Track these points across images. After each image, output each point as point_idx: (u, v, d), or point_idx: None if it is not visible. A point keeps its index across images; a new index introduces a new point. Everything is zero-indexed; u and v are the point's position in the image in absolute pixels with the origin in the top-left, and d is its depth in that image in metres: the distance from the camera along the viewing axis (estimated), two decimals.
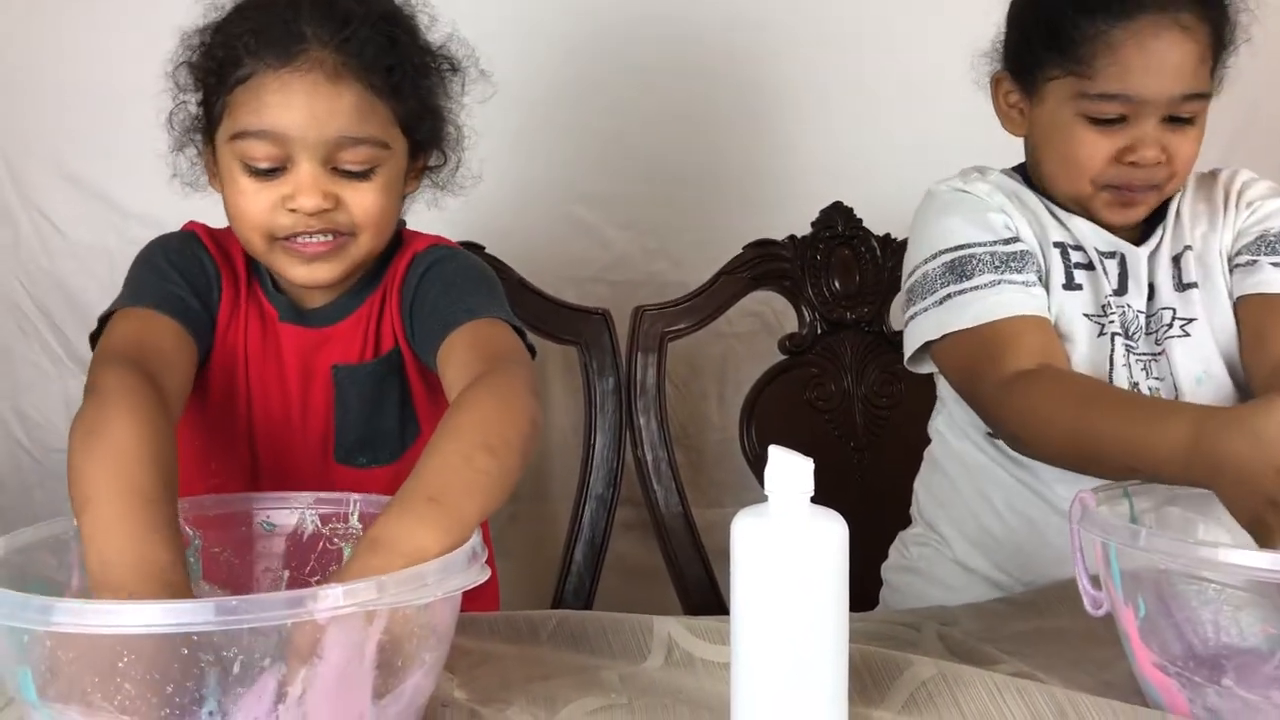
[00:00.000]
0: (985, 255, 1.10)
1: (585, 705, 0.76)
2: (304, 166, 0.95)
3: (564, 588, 1.35)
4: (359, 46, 0.96)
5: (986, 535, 1.19)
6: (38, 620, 0.63)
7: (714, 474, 1.65)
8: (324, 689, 0.64)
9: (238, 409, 1.05)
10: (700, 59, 1.66)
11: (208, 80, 1.00)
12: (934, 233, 1.14)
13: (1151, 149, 1.08)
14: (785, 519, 0.69)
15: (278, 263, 1.00)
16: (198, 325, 0.99)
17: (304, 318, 1.05)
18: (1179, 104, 1.08)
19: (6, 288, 1.58)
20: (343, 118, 0.95)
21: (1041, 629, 0.96)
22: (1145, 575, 0.79)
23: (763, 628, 0.69)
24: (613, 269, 1.66)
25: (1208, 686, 0.75)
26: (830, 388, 1.44)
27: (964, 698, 0.77)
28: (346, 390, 1.04)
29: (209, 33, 1.00)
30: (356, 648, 0.65)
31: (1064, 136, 1.11)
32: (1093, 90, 1.08)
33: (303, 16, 0.95)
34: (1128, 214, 1.13)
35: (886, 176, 1.52)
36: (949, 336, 1.09)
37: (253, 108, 0.95)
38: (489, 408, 0.83)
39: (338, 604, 0.63)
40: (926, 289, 1.12)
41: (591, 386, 1.38)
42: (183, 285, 1.00)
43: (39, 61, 1.56)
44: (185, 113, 1.03)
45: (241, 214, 0.98)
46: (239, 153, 0.96)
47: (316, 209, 0.96)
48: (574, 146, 1.65)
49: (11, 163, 1.57)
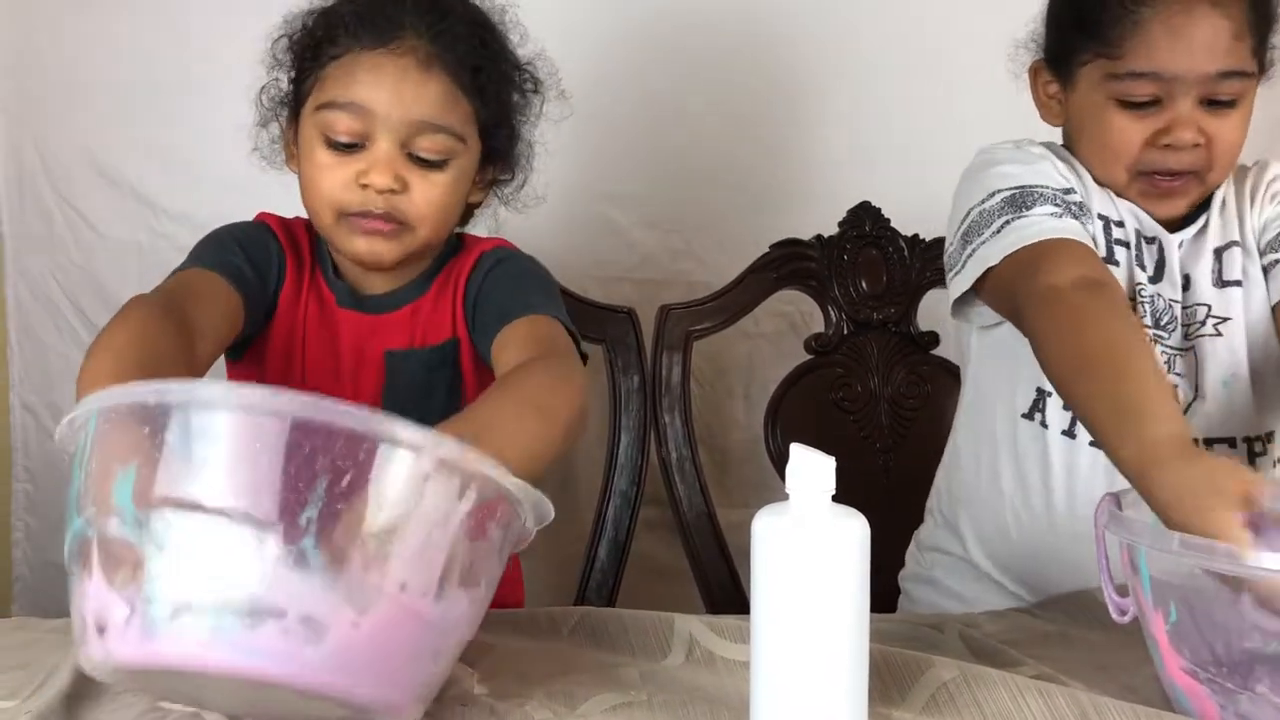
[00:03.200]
0: (1048, 192, 1.06)
1: (605, 701, 0.76)
2: (382, 145, 1.00)
3: (587, 585, 1.35)
4: (452, 41, 1.01)
5: (1004, 535, 1.17)
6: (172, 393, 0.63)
7: (738, 473, 1.64)
8: (411, 537, 0.64)
9: (294, 387, 1.07)
10: (728, 59, 1.65)
11: (304, 56, 1.05)
12: (989, 178, 1.10)
13: (1187, 130, 1.04)
14: (806, 517, 0.68)
15: (340, 238, 1.03)
16: (249, 289, 1.02)
17: (361, 304, 1.08)
18: (1215, 83, 1.04)
19: (40, 282, 1.61)
20: (427, 104, 1.00)
21: (1065, 633, 0.95)
22: (1175, 579, 0.78)
23: (783, 626, 0.68)
24: (639, 268, 1.66)
25: (1240, 693, 0.74)
26: (856, 388, 1.44)
27: (985, 699, 0.77)
28: (397, 376, 1.07)
29: (314, 15, 1.05)
30: (445, 513, 0.65)
31: (1097, 122, 1.09)
32: (1121, 70, 1.05)
33: (405, 7, 1.01)
34: (1166, 205, 1.10)
35: (915, 177, 1.51)
36: (1010, 258, 1.03)
37: (343, 82, 1.00)
38: (545, 381, 0.86)
39: (450, 448, 0.65)
40: (984, 224, 1.07)
41: (617, 385, 1.38)
42: (240, 255, 1.03)
43: (73, 58, 1.58)
44: (276, 88, 1.08)
45: (315, 186, 1.02)
46: (322, 124, 1.01)
47: (386, 187, 0.99)
48: (601, 146, 1.65)
49: (46, 159, 1.59)
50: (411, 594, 0.64)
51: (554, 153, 1.16)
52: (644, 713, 0.75)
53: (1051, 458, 1.12)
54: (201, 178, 1.56)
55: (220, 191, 1.51)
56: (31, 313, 1.61)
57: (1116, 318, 0.94)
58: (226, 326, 0.98)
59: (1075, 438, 1.11)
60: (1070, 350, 0.93)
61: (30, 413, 1.62)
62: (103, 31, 1.57)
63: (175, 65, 1.56)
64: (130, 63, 1.57)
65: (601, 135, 1.64)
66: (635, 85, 1.64)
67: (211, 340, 0.95)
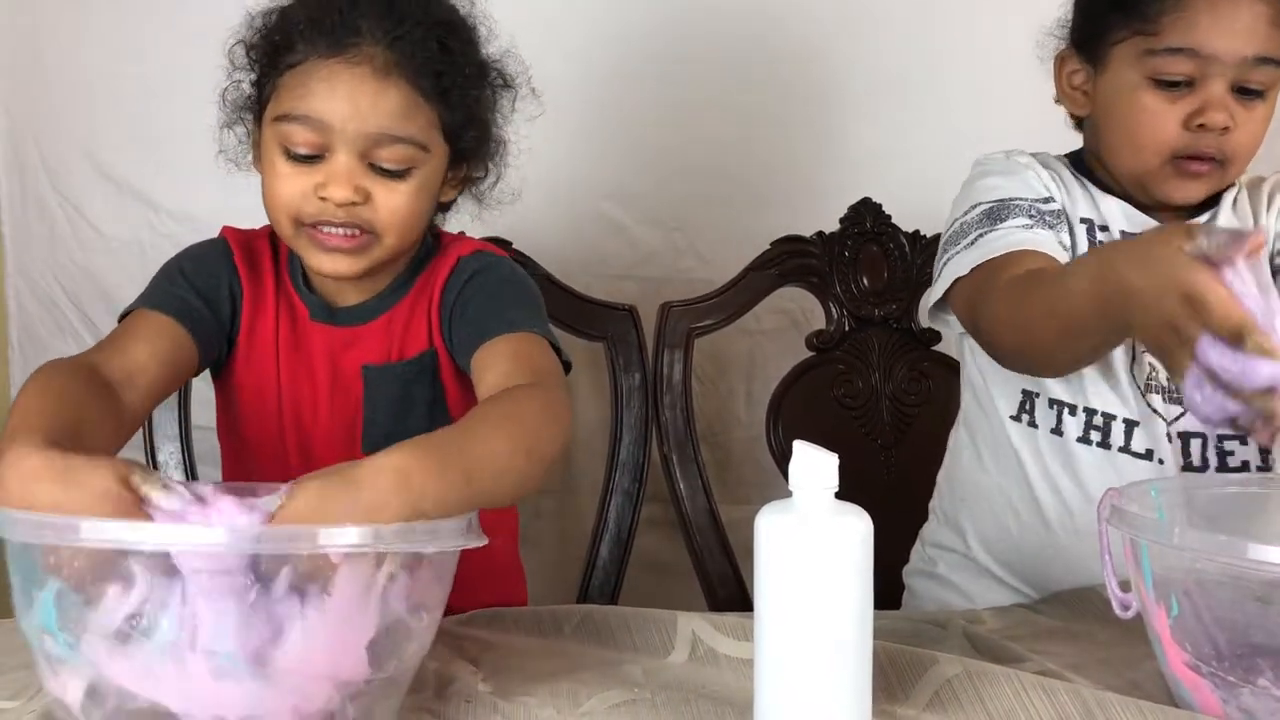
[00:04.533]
0: (1024, 205, 1.09)
1: (608, 699, 0.76)
2: (340, 157, 0.96)
3: (589, 583, 1.35)
4: (411, 47, 0.97)
5: (1005, 534, 1.18)
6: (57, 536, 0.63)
7: (740, 471, 1.64)
8: (330, 626, 0.64)
9: (271, 405, 1.06)
10: (729, 56, 1.65)
11: (261, 61, 1.02)
12: (974, 190, 1.14)
13: (1220, 113, 1.05)
14: (809, 514, 0.68)
15: (302, 249, 1.01)
16: (194, 321, 1.00)
17: (334, 317, 1.06)
18: (1249, 69, 1.04)
19: (41, 282, 1.61)
20: (385, 115, 0.96)
21: (1069, 628, 0.95)
22: (1177, 573, 0.78)
23: (786, 623, 0.68)
24: (640, 266, 1.66)
25: (1242, 686, 0.74)
26: (858, 385, 1.44)
27: (989, 696, 0.77)
28: (375, 390, 1.05)
29: (271, 15, 1.02)
30: (364, 589, 0.65)
31: (1129, 103, 1.08)
32: (1159, 45, 1.05)
33: (360, 11, 0.97)
34: (1190, 189, 1.10)
35: (916, 173, 1.51)
36: (977, 269, 1.06)
37: (299, 93, 0.97)
38: (541, 419, 0.82)
39: (352, 542, 0.63)
40: (961, 235, 1.10)
41: (618, 383, 1.38)
42: (185, 286, 1.02)
43: (73, 57, 1.58)
44: (238, 91, 1.05)
45: (274, 196, 0.99)
46: (280, 135, 0.98)
47: (345, 201, 0.96)
48: (602, 144, 1.65)
49: (46, 158, 1.59)
50: (347, 668, 0.66)
51: (556, 151, 1.15)
52: (648, 710, 0.75)
53: (1045, 456, 1.13)
54: (203, 176, 1.54)
55: (221, 190, 1.50)
56: (32, 312, 1.61)
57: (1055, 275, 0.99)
58: (160, 360, 0.96)
59: (1063, 435, 1.12)
60: (1015, 288, 0.98)
61: None
62: (103, 31, 1.57)
63: (176, 65, 1.56)
64: (131, 62, 1.57)
65: (603, 133, 1.64)
66: (637, 84, 1.64)
67: (142, 386, 0.93)
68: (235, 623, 0.63)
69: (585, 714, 0.75)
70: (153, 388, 0.95)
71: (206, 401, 1.36)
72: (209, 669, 0.63)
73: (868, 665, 0.70)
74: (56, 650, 0.65)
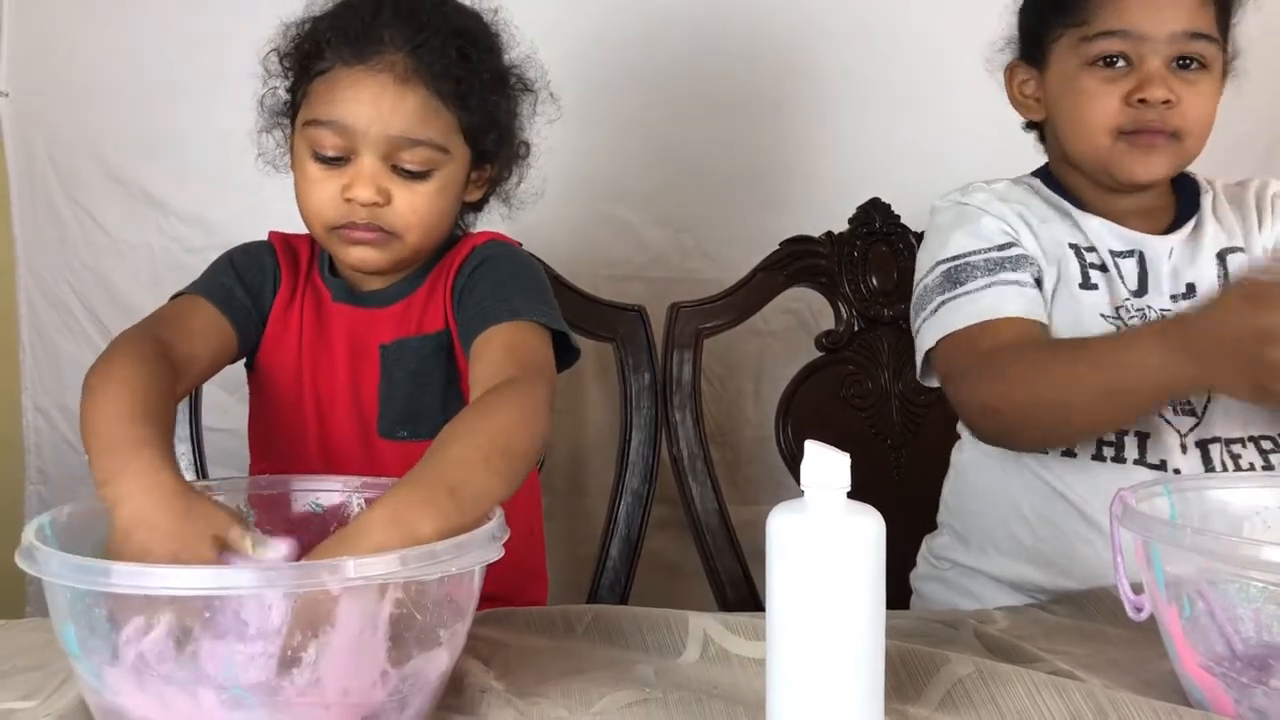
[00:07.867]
0: (980, 261, 1.12)
1: (620, 699, 0.76)
2: (365, 160, 1.01)
3: (599, 583, 1.35)
4: (431, 54, 1.02)
5: (1016, 544, 1.17)
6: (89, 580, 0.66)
7: (749, 471, 1.64)
8: (336, 656, 0.66)
9: (292, 386, 1.10)
10: (737, 56, 1.65)
11: (294, 69, 1.07)
12: (932, 246, 1.17)
13: (1159, 88, 1.08)
14: (821, 514, 0.68)
15: (333, 247, 1.07)
16: (237, 310, 1.06)
17: (356, 299, 1.10)
18: (1183, 43, 1.08)
19: (52, 285, 1.61)
20: (405, 118, 1.01)
21: (1081, 628, 0.95)
22: (1189, 574, 0.78)
23: (799, 623, 0.68)
24: (649, 266, 1.66)
25: (1255, 687, 0.74)
26: (867, 385, 1.44)
27: (1001, 696, 0.76)
28: (391, 365, 1.08)
29: (304, 25, 1.07)
30: (369, 619, 0.67)
31: (1073, 91, 1.12)
32: (1092, 32, 1.10)
33: (383, 20, 1.02)
34: (1148, 163, 1.11)
35: (924, 173, 1.51)
36: (942, 342, 1.10)
37: (326, 99, 1.02)
38: (514, 417, 0.86)
39: (350, 576, 0.65)
40: (925, 301, 1.13)
41: (627, 383, 1.38)
42: (232, 277, 1.07)
43: (84, 61, 1.58)
44: (275, 97, 1.10)
45: (305, 198, 1.05)
46: (310, 139, 1.03)
47: (369, 201, 1.01)
48: (611, 145, 1.65)
49: (57, 162, 1.60)
50: (359, 692, 0.68)
51: (565, 152, 1.16)
52: (660, 710, 0.75)
53: (1057, 469, 1.12)
54: (213, 180, 1.57)
55: (231, 194, 1.51)
56: (43, 314, 1.62)
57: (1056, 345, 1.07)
58: (210, 352, 1.02)
59: (1076, 456, 1.11)
60: (1036, 356, 1.03)
61: (43, 415, 1.63)
62: (113, 34, 1.58)
63: (186, 67, 1.57)
64: (141, 65, 1.57)
65: (612, 135, 1.64)
66: (644, 85, 1.64)
67: (192, 372, 0.99)
68: (244, 658, 0.65)
69: (598, 714, 0.75)
70: (197, 380, 1.03)
71: (216, 404, 1.37)
72: (219, 701, 0.65)
73: (880, 665, 0.69)
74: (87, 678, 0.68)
